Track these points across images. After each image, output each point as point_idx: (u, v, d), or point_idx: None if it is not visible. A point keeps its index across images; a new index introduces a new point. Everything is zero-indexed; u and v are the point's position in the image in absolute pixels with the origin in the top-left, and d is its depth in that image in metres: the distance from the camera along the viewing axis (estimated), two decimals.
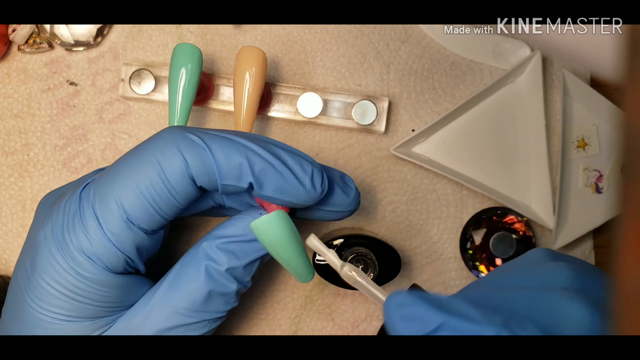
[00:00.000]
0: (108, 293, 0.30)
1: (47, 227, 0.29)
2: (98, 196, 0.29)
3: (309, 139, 0.41)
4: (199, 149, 0.28)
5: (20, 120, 0.40)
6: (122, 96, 0.40)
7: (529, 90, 0.41)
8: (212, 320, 0.31)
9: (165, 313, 0.31)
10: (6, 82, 0.41)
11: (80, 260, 0.28)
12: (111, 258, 0.29)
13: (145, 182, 0.28)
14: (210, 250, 0.31)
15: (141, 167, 0.28)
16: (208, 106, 0.40)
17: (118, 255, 0.29)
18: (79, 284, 0.29)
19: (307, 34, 0.41)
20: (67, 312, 0.29)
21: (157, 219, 0.29)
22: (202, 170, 0.28)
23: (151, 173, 0.28)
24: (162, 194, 0.28)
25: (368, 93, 0.41)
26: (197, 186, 0.29)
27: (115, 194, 0.28)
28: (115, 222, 0.28)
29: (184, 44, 0.35)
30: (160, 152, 0.28)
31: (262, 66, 0.35)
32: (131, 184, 0.28)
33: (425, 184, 0.41)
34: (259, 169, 0.29)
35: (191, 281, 0.31)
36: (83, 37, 0.40)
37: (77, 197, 0.29)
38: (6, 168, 0.40)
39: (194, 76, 0.35)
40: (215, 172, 0.29)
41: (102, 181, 0.29)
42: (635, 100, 0.13)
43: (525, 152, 0.41)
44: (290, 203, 0.30)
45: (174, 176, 0.28)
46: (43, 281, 0.29)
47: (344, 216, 0.34)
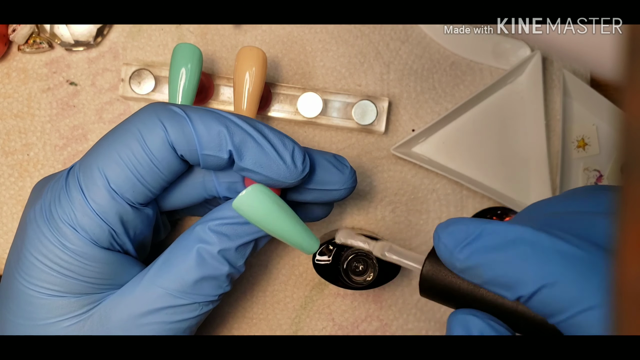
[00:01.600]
0: (94, 268, 0.30)
1: (37, 205, 0.30)
2: (82, 169, 0.29)
3: (309, 139, 0.41)
4: (179, 117, 0.29)
5: (20, 120, 0.40)
6: (122, 96, 0.40)
7: (529, 90, 0.41)
8: (204, 303, 0.31)
9: (155, 294, 0.30)
10: (6, 82, 0.41)
11: (65, 232, 0.29)
12: (95, 229, 0.29)
13: (126, 152, 0.29)
14: (203, 232, 0.31)
15: (123, 137, 0.29)
16: (208, 106, 0.40)
17: (102, 226, 0.29)
18: (65, 257, 0.29)
19: (307, 34, 0.41)
20: (54, 286, 0.30)
21: (141, 189, 0.30)
22: (182, 138, 0.29)
23: (132, 142, 0.29)
24: (144, 162, 0.29)
25: (368, 93, 0.41)
26: (179, 156, 0.30)
27: (98, 163, 0.29)
28: (99, 192, 0.29)
29: (184, 44, 0.35)
30: (141, 122, 0.29)
31: (262, 66, 0.35)
32: (113, 153, 0.29)
33: (425, 184, 0.41)
34: (238, 139, 0.29)
35: (182, 262, 0.31)
36: (83, 37, 0.40)
37: (65, 174, 0.30)
38: (6, 168, 0.40)
39: (194, 76, 0.35)
40: (194, 141, 0.29)
41: (86, 155, 0.30)
42: (635, 100, 0.13)
43: (525, 152, 0.41)
44: (272, 180, 0.30)
45: (154, 144, 0.29)
46: (31, 256, 0.29)
47: (341, 195, 0.33)
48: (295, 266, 0.41)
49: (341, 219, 0.41)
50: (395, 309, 0.41)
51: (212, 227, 0.31)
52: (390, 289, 0.41)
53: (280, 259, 0.41)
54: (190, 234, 0.31)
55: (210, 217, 0.31)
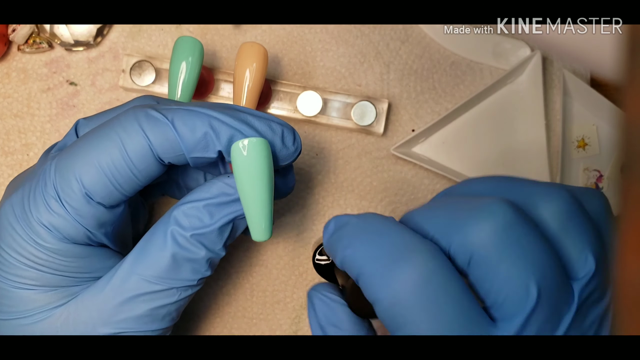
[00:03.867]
0: (70, 262, 0.30)
1: (10, 200, 0.30)
2: (59, 171, 0.29)
3: (309, 138, 0.41)
4: (160, 124, 0.28)
5: (20, 120, 0.40)
6: (122, 87, 0.40)
7: (529, 91, 0.41)
8: (182, 288, 0.31)
9: (132, 281, 0.30)
10: (6, 82, 0.41)
11: (39, 230, 0.29)
12: (70, 230, 0.29)
13: (106, 160, 0.28)
14: (178, 215, 0.30)
15: (103, 144, 0.29)
16: (207, 100, 0.40)
17: (78, 227, 0.29)
18: (39, 254, 0.29)
19: (307, 34, 0.41)
20: (29, 280, 0.29)
21: (116, 195, 0.29)
22: (167, 146, 0.29)
23: (113, 150, 0.28)
24: (123, 171, 0.29)
25: (368, 93, 0.41)
26: (160, 163, 0.29)
27: (76, 169, 0.29)
28: (74, 197, 0.29)
29: (186, 37, 0.35)
30: (122, 129, 0.29)
31: (263, 63, 0.35)
32: (92, 160, 0.28)
33: (425, 184, 0.41)
34: (225, 137, 0.29)
35: (157, 248, 0.30)
36: (83, 37, 0.40)
37: (41, 173, 0.30)
38: (6, 168, 0.40)
39: (194, 69, 0.35)
40: (180, 146, 0.29)
41: (64, 156, 0.29)
42: (635, 100, 0.13)
43: (525, 152, 0.41)
44: None
45: (135, 153, 0.28)
46: (4, 251, 0.29)
47: (286, 165, 0.32)
48: (295, 266, 0.41)
49: None
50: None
51: (186, 210, 0.30)
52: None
53: (280, 259, 0.41)
54: (166, 218, 0.31)
55: (186, 200, 0.31)
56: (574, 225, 0.25)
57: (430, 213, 0.27)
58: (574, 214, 0.26)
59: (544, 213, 0.26)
